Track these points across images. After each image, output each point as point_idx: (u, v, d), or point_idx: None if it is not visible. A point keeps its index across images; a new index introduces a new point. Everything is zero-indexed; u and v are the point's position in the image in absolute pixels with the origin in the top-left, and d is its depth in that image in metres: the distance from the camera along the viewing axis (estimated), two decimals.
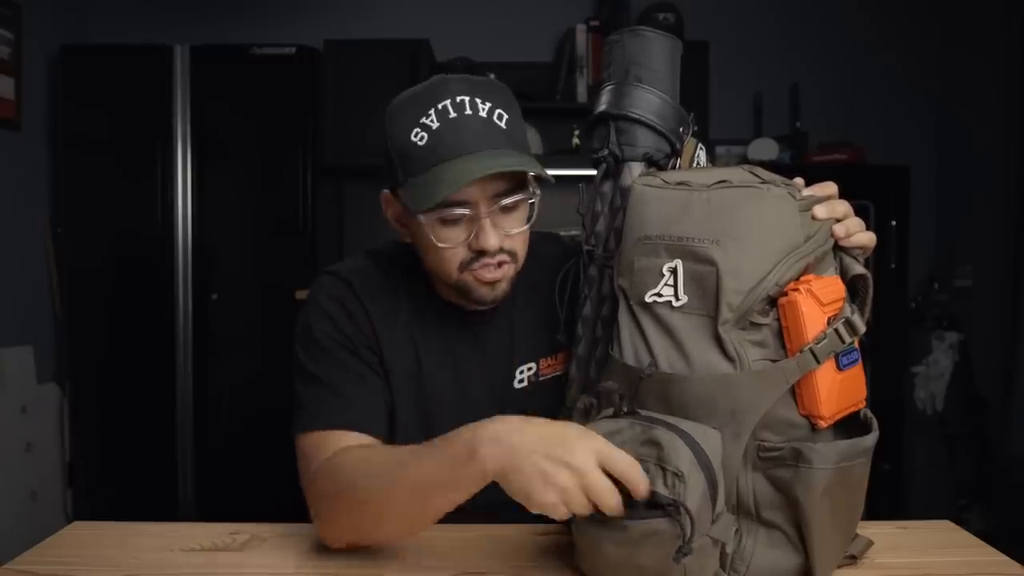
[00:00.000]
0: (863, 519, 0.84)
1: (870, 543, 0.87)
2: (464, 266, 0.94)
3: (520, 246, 0.97)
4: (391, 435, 1.00)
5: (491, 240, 0.92)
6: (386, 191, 1.01)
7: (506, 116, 0.92)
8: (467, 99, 0.90)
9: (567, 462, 0.70)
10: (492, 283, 0.96)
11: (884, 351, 2.92)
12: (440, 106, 0.89)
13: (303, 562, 0.89)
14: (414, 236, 0.98)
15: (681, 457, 0.70)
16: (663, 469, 0.70)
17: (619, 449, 0.71)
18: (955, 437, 3.03)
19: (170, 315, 2.93)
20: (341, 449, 0.91)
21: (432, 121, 0.89)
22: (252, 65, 2.94)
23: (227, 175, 2.97)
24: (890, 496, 3.00)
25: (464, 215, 0.91)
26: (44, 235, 3.07)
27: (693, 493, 0.69)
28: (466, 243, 0.93)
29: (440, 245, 0.93)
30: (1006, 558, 0.88)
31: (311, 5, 3.40)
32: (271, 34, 3.22)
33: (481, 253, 0.93)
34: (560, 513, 0.71)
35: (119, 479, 2.96)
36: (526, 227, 0.97)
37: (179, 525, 1.00)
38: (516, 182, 0.93)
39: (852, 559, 0.85)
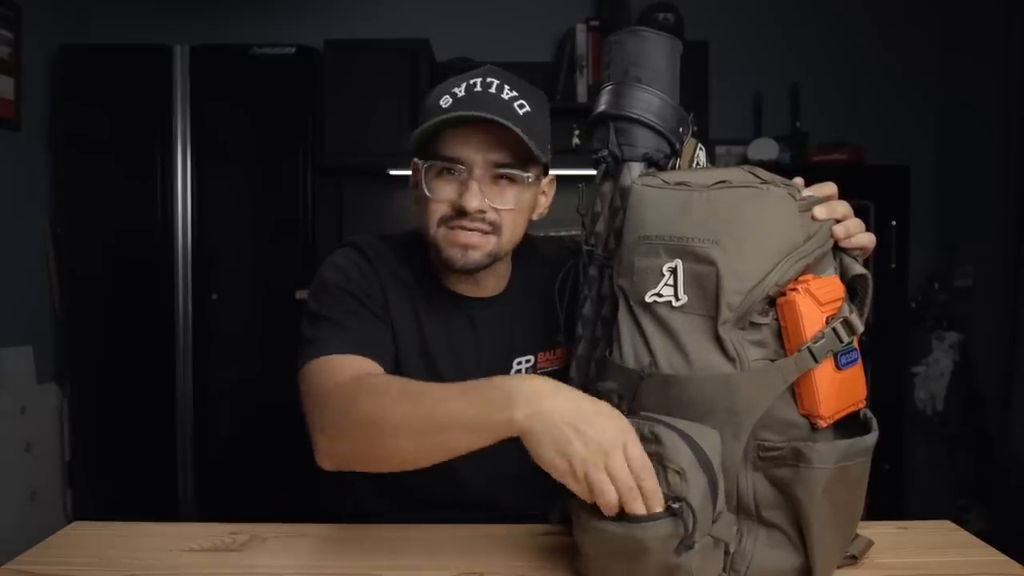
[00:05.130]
0: (863, 519, 0.84)
1: (870, 543, 0.87)
2: (443, 222, 1.00)
3: (506, 224, 1.01)
4: None
5: (472, 201, 0.97)
6: (415, 159, 1.06)
7: (527, 108, 0.98)
8: (496, 82, 0.98)
9: (595, 438, 0.70)
10: (464, 247, 0.99)
11: (884, 351, 2.92)
12: (471, 82, 0.98)
13: (303, 562, 0.89)
14: (418, 192, 1.03)
15: (682, 455, 0.70)
16: (664, 467, 0.70)
17: (638, 448, 0.71)
18: (955, 437, 3.02)
19: (170, 315, 2.93)
20: (365, 373, 0.92)
21: (460, 91, 0.98)
22: (252, 65, 2.94)
23: (227, 175, 2.97)
24: (890, 496, 3.00)
25: (458, 170, 0.98)
26: (44, 235, 3.07)
27: (695, 491, 0.69)
28: (452, 201, 0.98)
29: (428, 195, 0.99)
30: (1006, 558, 0.88)
31: (311, 5, 3.40)
32: (271, 34, 3.22)
33: (462, 213, 0.98)
34: (575, 484, 0.71)
35: (119, 479, 2.96)
36: (514, 206, 1.00)
37: (179, 525, 1.00)
38: (517, 160, 0.98)
39: (853, 559, 0.85)
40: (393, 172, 3.23)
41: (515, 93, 0.98)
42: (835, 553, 0.80)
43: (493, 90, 0.97)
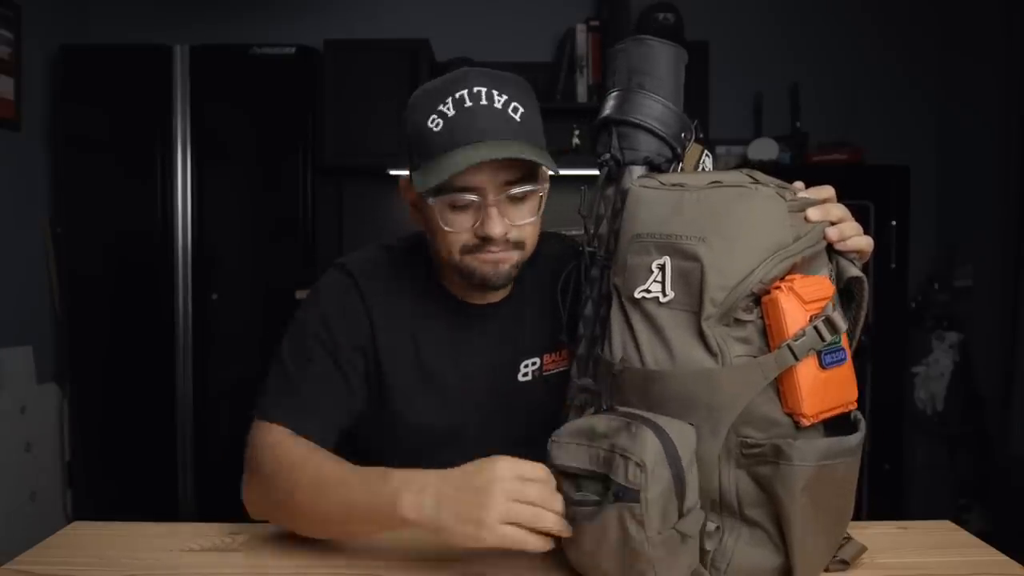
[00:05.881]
0: (864, 519, 0.84)
1: (863, 548, 0.87)
2: (467, 250, 0.97)
3: (528, 236, 0.99)
4: (395, 418, 1.05)
5: (496, 228, 0.93)
6: (404, 177, 1.04)
7: (522, 109, 0.94)
8: (484, 90, 0.92)
9: (483, 519, 0.75)
10: (495, 263, 0.97)
11: (884, 351, 2.92)
12: (458, 95, 0.92)
13: (303, 562, 0.89)
14: (425, 220, 1.01)
15: (647, 449, 0.71)
16: (626, 460, 0.72)
17: (530, 472, 0.77)
18: (955, 437, 3.03)
19: (170, 315, 2.94)
20: (290, 442, 0.95)
21: (449, 109, 0.92)
22: (252, 65, 2.94)
23: (227, 175, 2.97)
24: (890, 496, 3.00)
25: (472, 201, 0.93)
26: (44, 235, 3.08)
27: (655, 484, 0.71)
28: (472, 229, 0.95)
29: (447, 229, 0.95)
30: (1006, 558, 0.89)
31: (311, 5, 3.40)
32: (271, 34, 3.22)
33: (486, 240, 0.95)
34: (513, 536, 0.76)
35: (119, 479, 2.96)
36: (534, 218, 0.98)
37: (179, 525, 1.00)
38: (526, 173, 0.95)
39: (844, 564, 0.85)
40: (393, 172, 3.23)
41: (505, 96, 0.93)
42: (818, 555, 0.80)
43: (484, 100, 0.91)
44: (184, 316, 2.94)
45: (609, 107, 0.91)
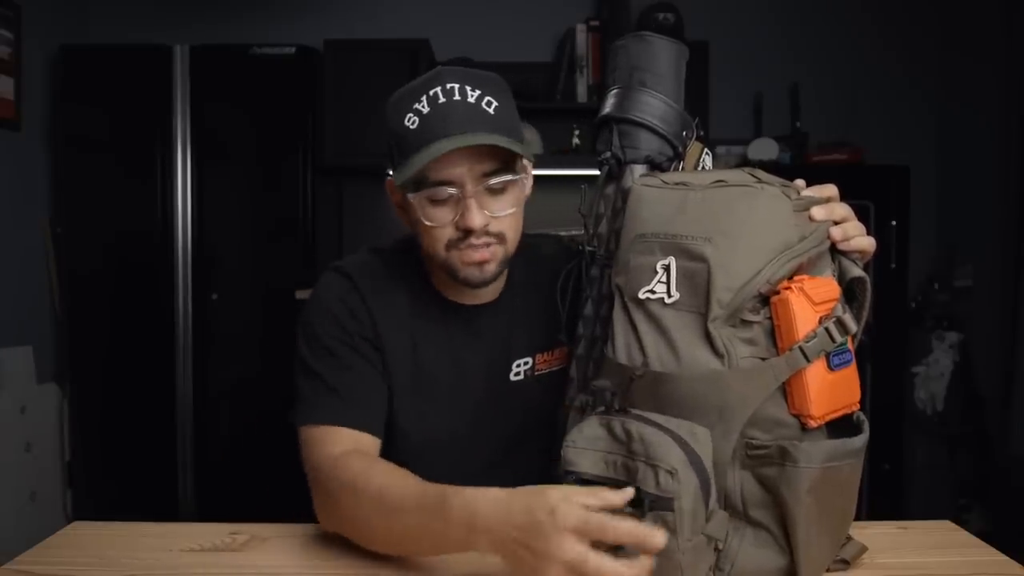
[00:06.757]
0: (863, 519, 0.84)
1: (864, 548, 0.87)
2: (451, 245, 0.97)
3: (509, 229, 0.99)
4: (389, 419, 1.03)
5: (475, 220, 0.94)
6: (389, 177, 1.03)
7: (496, 103, 0.94)
8: (457, 87, 0.93)
9: (555, 557, 0.67)
10: (480, 264, 0.97)
11: (884, 351, 2.92)
12: (431, 93, 0.93)
13: (303, 562, 0.89)
14: (410, 218, 1.01)
15: (673, 455, 0.70)
16: (654, 468, 0.71)
17: (586, 499, 0.69)
18: (955, 437, 3.03)
19: (170, 315, 2.94)
20: (347, 456, 0.92)
21: (423, 106, 0.93)
22: (252, 65, 2.94)
23: (227, 175, 2.97)
24: (890, 496, 3.00)
25: (451, 194, 0.94)
26: (44, 235, 3.08)
27: (687, 490, 0.70)
28: (453, 223, 0.95)
29: (428, 224, 0.96)
30: (1006, 558, 0.89)
31: (311, 5, 3.40)
32: (271, 34, 3.22)
33: (467, 233, 0.95)
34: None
35: (119, 479, 2.96)
36: (514, 210, 0.98)
37: (179, 525, 1.00)
38: (504, 164, 0.95)
39: (844, 564, 0.85)
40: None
41: (479, 91, 0.93)
42: (822, 556, 0.80)
43: (457, 96, 0.93)
44: (184, 316, 2.94)
45: (610, 105, 0.90)
